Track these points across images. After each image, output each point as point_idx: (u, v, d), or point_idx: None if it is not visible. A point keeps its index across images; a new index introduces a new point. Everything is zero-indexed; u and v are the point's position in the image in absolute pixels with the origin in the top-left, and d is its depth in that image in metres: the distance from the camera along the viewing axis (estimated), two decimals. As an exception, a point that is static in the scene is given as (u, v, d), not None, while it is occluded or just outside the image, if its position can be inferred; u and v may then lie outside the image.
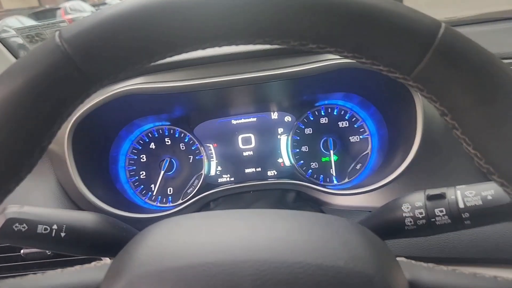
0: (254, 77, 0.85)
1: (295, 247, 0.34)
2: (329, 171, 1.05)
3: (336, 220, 0.40)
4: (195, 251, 0.34)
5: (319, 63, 0.83)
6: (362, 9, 0.30)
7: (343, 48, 0.31)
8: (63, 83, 0.30)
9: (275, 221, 0.38)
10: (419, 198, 0.53)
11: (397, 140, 0.93)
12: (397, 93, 0.86)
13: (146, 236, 0.38)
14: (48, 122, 0.31)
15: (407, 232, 0.54)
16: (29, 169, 0.32)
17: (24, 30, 1.04)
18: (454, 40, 0.30)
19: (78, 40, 0.29)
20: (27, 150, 0.31)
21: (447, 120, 0.32)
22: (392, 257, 0.39)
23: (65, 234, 0.53)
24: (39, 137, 0.31)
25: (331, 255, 0.34)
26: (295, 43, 0.31)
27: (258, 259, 0.33)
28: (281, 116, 1.06)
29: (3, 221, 0.51)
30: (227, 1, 0.30)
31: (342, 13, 0.30)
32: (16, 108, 0.29)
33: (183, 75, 0.86)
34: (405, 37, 0.29)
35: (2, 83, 0.30)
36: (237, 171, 1.07)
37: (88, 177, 0.87)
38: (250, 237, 0.36)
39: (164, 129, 1.06)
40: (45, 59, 0.29)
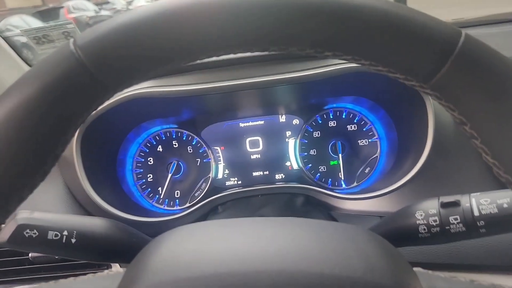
0: (262, 82, 0.84)
1: (311, 257, 0.34)
2: (337, 174, 1.04)
3: (352, 229, 0.40)
4: (210, 260, 0.34)
5: (329, 67, 0.83)
6: (380, 17, 0.29)
7: (360, 56, 0.31)
8: (77, 90, 0.30)
9: (290, 230, 0.38)
10: (433, 205, 0.52)
11: (407, 144, 0.92)
12: (408, 97, 0.85)
13: (160, 244, 0.38)
14: (62, 129, 0.31)
15: (420, 240, 0.53)
16: (43, 176, 0.32)
17: (31, 31, 1.04)
18: (475, 48, 0.29)
19: (93, 47, 0.29)
20: (41, 157, 0.30)
21: (466, 129, 0.31)
22: (409, 267, 0.38)
23: (75, 240, 0.53)
24: (53, 144, 0.31)
25: (348, 265, 0.33)
26: (311, 51, 0.31)
27: (274, 269, 0.32)
28: (289, 119, 1.05)
29: (14, 227, 0.51)
30: (244, 10, 0.29)
31: (359, 21, 0.29)
32: (30, 115, 0.29)
33: (191, 79, 0.85)
34: (424, 46, 0.29)
35: (16, 90, 0.30)
36: (244, 174, 1.06)
37: (96, 180, 0.87)
38: (265, 247, 0.35)
39: (172, 132, 1.06)
40: (59, 66, 0.29)
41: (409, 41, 0.29)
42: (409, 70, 0.31)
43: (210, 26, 0.29)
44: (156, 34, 0.29)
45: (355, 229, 0.40)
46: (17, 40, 1.09)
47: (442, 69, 0.29)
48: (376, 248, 0.36)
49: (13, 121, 0.29)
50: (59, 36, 1.10)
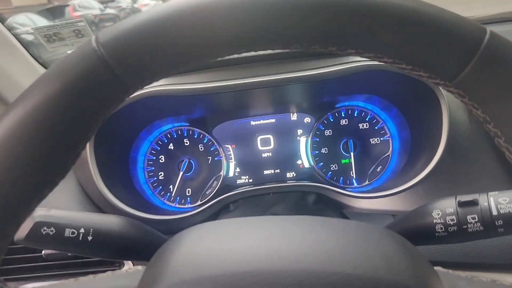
0: (275, 80, 0.84)
1: (333, 256, 0.33)
2: (349, 173, 1.04)
3: (371, 228, 0.39)
4: (232, 259, 0.33)
5: (342, 66, 0.82)
6: (404, 14, 0.29)
7: (383, 54, 0.31)
8: (99, 88, 0.30)
9: (311, 229, 0.38)
10: (450, 204, 0.52)
11: (420, 143, 0.91)
12: (421, 95, 0.85)
13: (180, 242, 0.37)
14: (84, 128, 0.31)
15: (437, 239, 0.53)
16: (63, 174, 0.32)
17: (42, 29, 1.04)
18: (500, 46, 0.29)
19: (115, 44, 0.29)
20: (63, 155, 0.31)
21: (489, 128, 0.31)
22: (430, 267, 0.38)
23: (92, 238, 0.53)
24: (74, 142, 0.31)
25: (370, 265, 0.33)
26: (333, 48, 0.31)
27: (296, 269, 0.32)
28: (300, 117, 1.05)
29: (31, 225, 0.51)
30: (267, 7, 0.29)
31: (384, 18, 0.29)
32: (52, 113, 0.29)
33: (203, 77, 0.85)
34: (449, 43, 0.29)
35: (38, 87, 0.30)
36: (256, 172, 1.06)
37: (109, 178, 0.87)
38: (287, 246, 0.35)
39: (183, 130, 1.06)
40: (81, 63, 0.29)
41: (434, 39, 0.29)
42: (433, 68, 0.30)
43: (234, 23, 0.29)
44: (179, 31, 0.29)
45: (375, 228, 0.39)
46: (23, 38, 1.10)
47: (466, 67, 0.29)
48: (397, 247, 0.36)
49: (35, 119, 0.29)
50: (69, 34, 1.10)
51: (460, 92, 0.31)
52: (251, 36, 0.30)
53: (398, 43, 0.29)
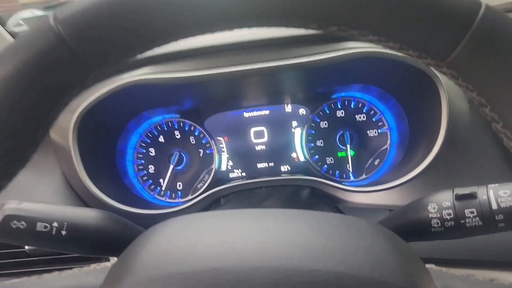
0: (267, 68, 0.80)
1: (312, 252, 0.31)
2: (345, 166, 1.00)
3: (357, 222, 0.36)
4: (202, 255, 0.31)
5: (337, 52, 0.79)
6: None
7: (367, 30, 0.28)
8: (56, 68, 0.27)
9: (289, 223, 0.35)
10: (447, 198, 0.49)
11: (419, 135, 0.88)
12: (420, 85, 0.82)
13: (149, 237, 0.35)
14: (43, 112, 0.28)
15: (433, 234, 0.50)
16: (22, 164, 0.29)
17: (31, 20, 1.02)
18: (497, 21, 0.26)
19: (73, 21, 0.27)
20: (19, 143, 0.28)
21: (486, 112, 0.29)
22: (422, 264, 0.35)
23: (66, 232, 0.50)
24: (33, 128, 0.29)
25: (354, 262, 0.30)
26: (314, 25, 0.28)
27: (270, 266, 0.30)
28: (295, 109, 1.02)
29: (0, 218, 0.48)
30: None
31: None
32: (5, 96, 0.27)
33: (193, 65, 0.82)
34: (440, 18, 0.26)
35: None
36: (249, 166, 1.03)
37: (94, 171, 0.85)
38: (262, 241, 0.32)
39: (174, 121, 1.03)
40: (37, 42, 0.27)
41: (423, 13, 0.26)
42: (423, 46, 0.28)
43: None
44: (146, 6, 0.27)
45: (361, 222, 0.37)
46: None
47: (459, 45, 0.26)
48: (384, 243, 0.34)
49: None
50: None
51: (453, 73, 0.28)
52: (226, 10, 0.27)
53: (383, 18, 0.27)
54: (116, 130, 0.98)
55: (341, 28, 0.28)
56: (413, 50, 0.28)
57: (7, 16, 1.05)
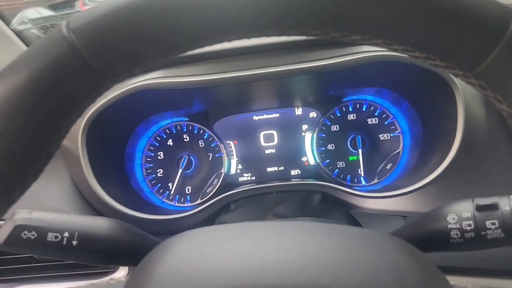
0: (278, 72, 0.79)
1: (336, 268, 0.30)
2: (357, 171, 0.99)
3: (378, 236, 0.35)
4: (220, 272, 0.30)
5: (350, 56, 0.77)
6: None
7: (392, 41, 0.27)
8: (70, 79, 0.26)
9: (312, 237, 0.34)
10: (467, 208, 0.48)
11: (433, 139, 0.86)
12: (434, 88, 0.80)
13: (165, 252, 0.34)
14: (55, 124, 0.27)
15: (452, 246, 0.49)
16: (34, 177, 0.28)
17: (38, 21, 1.01)
18: None
19: (87, 30, 0.26)
20: (31, 155, 0.27)
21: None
22: (446, 281, 0.33)
23: (77, 242, 0.49)
24: (45, 140, 0.28)
25: (377, 280, 0.29)
26: (336, 34, 0.27)
27: (292, 283, 0.28)
28: (305, 112, 1.00)
29: (11, 228, 0.48)
30: None
31: None
32: (18, 108, 0.26)
33: (203, 69, 0.81)
34: (470, 28, 0.25)
35: (3, 78, 0.26)
36: (258, 170, 1.02)
37: (102, 175, 0.84)
38: (284, 257, 0.31)
39: (183, 125, 1.02)
40: (49, 52, 0.26)
41: (452, 22, 0.25)
42: (451, 57, 0.26)
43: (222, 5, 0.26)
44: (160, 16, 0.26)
45: (381, 236, 0.35)
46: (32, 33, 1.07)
47: (490, 55, 0.25)
48: (406, 259, 0.33)
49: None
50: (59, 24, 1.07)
51: (481, 84, 0.27)
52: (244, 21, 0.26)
53: (408, 28, 0.26)
54: (125, 134, 0.97)
55: (365, 37, 0.27)
56: (440, 61, 0.27)
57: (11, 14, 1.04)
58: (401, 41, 0.26)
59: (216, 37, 0.27)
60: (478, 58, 0.26)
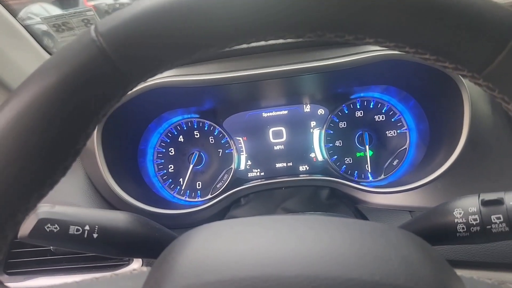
0: (288, 70, 0.81)
1: (349, 261, 0.31)
2: (364, 167, 1.00)
3: (389, 230, 0.36)
4: (240, 263, 0.31)
5: (358, 55, 0.79)
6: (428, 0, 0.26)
7: (405, 43, 0.28)
8: (98, 81, 0.28)
9: (325, 231, 0.35)
10: (472, 203, 0.49)
11: (439, 136, 0.88)
12: (441, 86, 0.81)
13: (186, 243, 0.35)
14: (83, 122, 0.29)
15: (458, 239, 0.50)
16: (63, 172, 0.30)
17: (50, 19, 1.03)
18: None
19: (115, 34, 0.27)
20: (61, 152, 0.29)
21: None
22: (454, 273, 0.35)
23: (97, 235, 0.51)
24: (74, 138, 0.29)
25: (389, 271, 0.30)
26: (350, 37, 0.28)
27: (309, 274, 0.30)
28: (314, 109, 1.02)
29: (35, 222, 0.50)
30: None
31: (405, 2, 0.26)
32: (49, 108, 0.27)
33: (214, 68, 0.82)
34: (479, 31, 0.26)
35: (35, 80, 0.28)
36: (267, 165, 1.04)
37: (117, 171, 0.86)
38: (300, 249, 0.32)
39: (193, 122, 1.04)
40: (79, 55, 0.27)
41: (461, 25, 0.26)
42: (460, 59, 0.28)
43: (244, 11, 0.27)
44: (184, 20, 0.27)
45: (392, 230, 0.37)
46: (38, 28, 1.09)
47: (497, 58, 0.26)
48: (417, 252, 0.34)
49: (31, 114, 0.27)
50: (78, 23, 1.08)
51: (489, 85, 0.28)
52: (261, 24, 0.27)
53: (421, 31, 0.27)
54: (138, 130, 0.99)
55: (378, 40, 0.28)
56: (450, 63, 0.28)
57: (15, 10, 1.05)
58: (413, 44, 0.28)
59: (237, 40, 0.29)
60: (486, 60, 0.27)
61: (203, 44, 0.28)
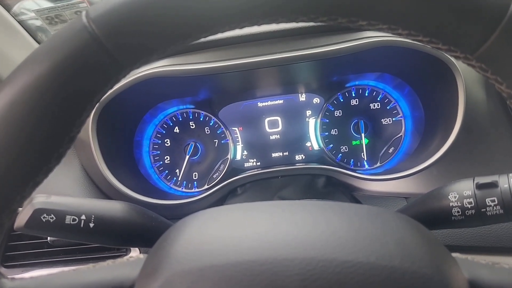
0: (282, 58, 0.80)
1: (345, 243, 0.31)
2: (360, 155, 1.01)
3: (385, 213, 0.37)
4: (237, 247, 0.31)
5: (353, 42, 0.79)
6: None
7: (397, 25, 0.28)
8: (91, 67, 0.28)
9: (321, 215, 0.35)
10: (467, 187, 0.50)
11: (435, 123, 0.88)
12: (436, 73, 0.81)
13: (182, 229, 0.35)
14: (77, 110, 0.29)
15: (453, 223, 0.50)
16: (58, 160, 0.30)
17: (43, 11, 1.02)
18: None
19: (107, 19, 0.27)
20: (55, 139, 0.29)
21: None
22: (449, 254, 0.35)
23: (94, 225, 0.51)
24: (68, 125, 0.29)
25: (385, 252, 0.31)
26: (344, 20, 0.28)
27: (305, 257, 0.30)
28: (309, 98, 1.02)
29: (30, 212, 0.49)
30: None
31: None
32: (42, 96, 0.27)
33: (208, 57, 0.82)
34: (471, 12, 0.26)
35: (27, 68, 0.28)
36: (263, 155, 1.04)
37: (113, 162, 0.86)
38: (296, 233, 0.32)
39: (189, 112, 1.03)
40: (71, 41, 0.27)
41: (454, 7, 0.26)
42: (453, 40, 0.28)
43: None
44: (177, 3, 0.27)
45: (388, 213, 0.37)
46: (31, 23, 1.08)
47: (490, 38, 0.26)
48: (412, 233, 0.34)
49: (24, 102, 0.27)
50: (72, 15, 1.08)
51: (482, 66, 0.28)
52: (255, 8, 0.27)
53: (413, 13, 0.27)
54: (133, 121, 0.98)
55: (371, 23, 0.28)
56: (443, 44, 0.28)
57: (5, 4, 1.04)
58: (405, 26, 0.28)
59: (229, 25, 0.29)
60: (478, 41, 0.27)
61: (197, 29, 0.28)
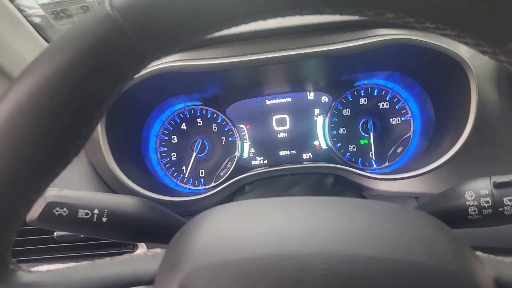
0: (292, 55, 0.80)
1: (369, 239, 0.31)
2: (368, 154, 1.00)
3: (406, 210, 0.36)
4: (258, 242, 0.31)
5: (363, 40, 0.78)
6: None
7: (425, 18, 0.27)
8: (114, 56, 0.27)
9: (344, 210, 0.34)
10: (484, 186, 0.49)
11: (445, 123, 0.87)
12: (448, 72, 0.80)
13: (202, 224, 0.35)
14: (98, 100, 0.28)
15: (469, 222, 0.50)
16: (77, 151, 0.30)
17: (49, 5, 1.02)
18: None
19: (131, 7, 0.26)
20: (76, 130, 0.28)
21: None
22: (472, 251, 0.35)
23: (106, 219, 0.50)
24: (88, 116, 0.28)
25: (410, 249, 0.30)
26: (370, 12, 0.27)
27: (328, 252, 0.29)
28: (317, 97, 1.01)
29: (43, 205, 0.49)
30: None
31: None
32: (63, 85, 0.27)
33: (217, 53, 0.81)
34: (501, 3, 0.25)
35: (49, 56, 0.27)
36: (271, 153, 1.03)
37: (121, 158, 0.85)
38: (319, 228, 0.32)
39: (196, 109, 1.03)
40: (94, 29, 0.27)
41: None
42: (482, 34, 0.27)
43: None
44: None
45: (409, 210, 0.37)
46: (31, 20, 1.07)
47: None
48: (436, 230, 0.33)
49: (45, 90, 0.27)
50: (77, 10, 1.07)
51: (511, 61, 0.27)
52: None
53: (442, 6, 0.26)
54: (141, 117, 0.98)
55: (399, 16, 0.27)
56: (471, 38, 0.27)
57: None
58: (433, 19, 0.27)
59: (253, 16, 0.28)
60: (509, 35, 0.26)
61: (218, 20, 0.27)
